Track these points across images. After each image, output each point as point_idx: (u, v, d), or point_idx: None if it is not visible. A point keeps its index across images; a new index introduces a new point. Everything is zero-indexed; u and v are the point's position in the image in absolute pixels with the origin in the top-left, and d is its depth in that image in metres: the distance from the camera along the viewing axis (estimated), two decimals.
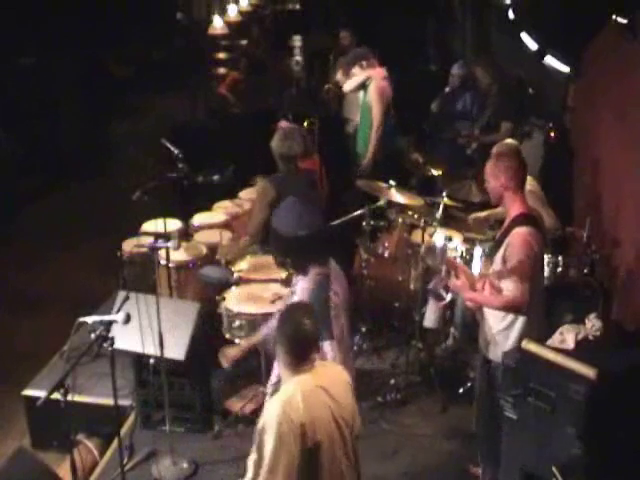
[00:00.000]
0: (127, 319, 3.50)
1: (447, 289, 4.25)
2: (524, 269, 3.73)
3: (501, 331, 3.91)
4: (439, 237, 5.17)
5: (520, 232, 3.77)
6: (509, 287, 3.77)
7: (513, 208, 3.88)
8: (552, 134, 6.78)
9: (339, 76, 7.44)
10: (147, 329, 4.12)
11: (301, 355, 2.99)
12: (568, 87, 6.83)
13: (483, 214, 5.32)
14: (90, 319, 3.53)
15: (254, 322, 4.61)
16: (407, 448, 4.73)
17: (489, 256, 4.11)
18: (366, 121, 6.86)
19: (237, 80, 9.64)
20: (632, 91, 5.07)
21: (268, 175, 4.94)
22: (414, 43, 10.81)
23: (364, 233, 5.80)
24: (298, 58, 10.83)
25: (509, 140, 5.28)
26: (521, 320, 3.86)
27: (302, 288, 3.46)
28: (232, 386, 5.14)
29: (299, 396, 2.89)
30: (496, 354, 3.95)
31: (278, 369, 3.54)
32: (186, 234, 5.79)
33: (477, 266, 4.55)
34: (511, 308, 3.81)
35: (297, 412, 2.87)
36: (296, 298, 3.51)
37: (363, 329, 5.71)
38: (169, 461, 4.53)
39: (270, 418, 2.90)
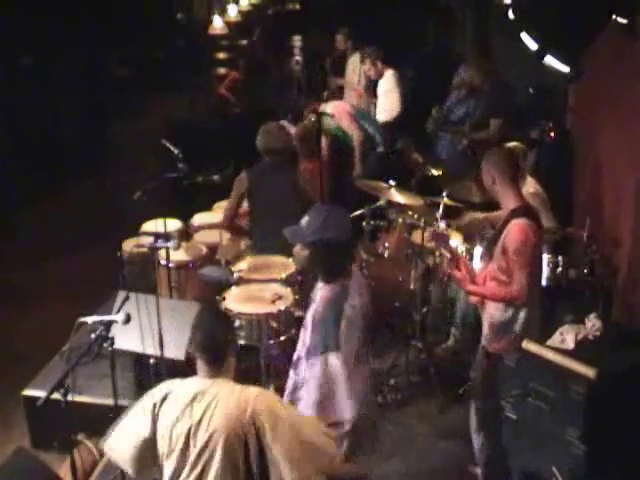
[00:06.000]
0: (127, 319, 3.49)
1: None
2: (523, 260, 3.74)
3: (503, 323, 3.92)
4: (442, 225, 5.19)
5: (518, 223, 3.79)
6: (509, 278, 3.77)
7: (509, 201, 3.89)
8: (552, 134, 6.78)
9: (366, 67, 7.80)
10: (147, 329, 4.12)
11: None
12: (568, 87, 6.83)
13: (481, 215, 5.30)
14: (90, 319, 3.52)
15: (254, 322, 4.63)
16: (407, 448, 4.74)
17: (488, 249, 4.12)
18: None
19: (237, 80, 9.63)
20: (632, 91, 5.07)
21: None
22: (413, 43, 10.79)
23: (364, 233, 5.80)
24: (298, 58, 10.82)
25: (513, 143, 5.28)
26: (523, 312, 3.86)
27: (321, 297, 3.38)
28: None
29: None
30: (496, 347, 3.96)
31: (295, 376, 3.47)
32: (186, 234, 5.79)
33: (477, 266, 4.55)
34: (511, 299, 3.82)
35: None
36: (314, 306, 3.44)
37: None
38: None
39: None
